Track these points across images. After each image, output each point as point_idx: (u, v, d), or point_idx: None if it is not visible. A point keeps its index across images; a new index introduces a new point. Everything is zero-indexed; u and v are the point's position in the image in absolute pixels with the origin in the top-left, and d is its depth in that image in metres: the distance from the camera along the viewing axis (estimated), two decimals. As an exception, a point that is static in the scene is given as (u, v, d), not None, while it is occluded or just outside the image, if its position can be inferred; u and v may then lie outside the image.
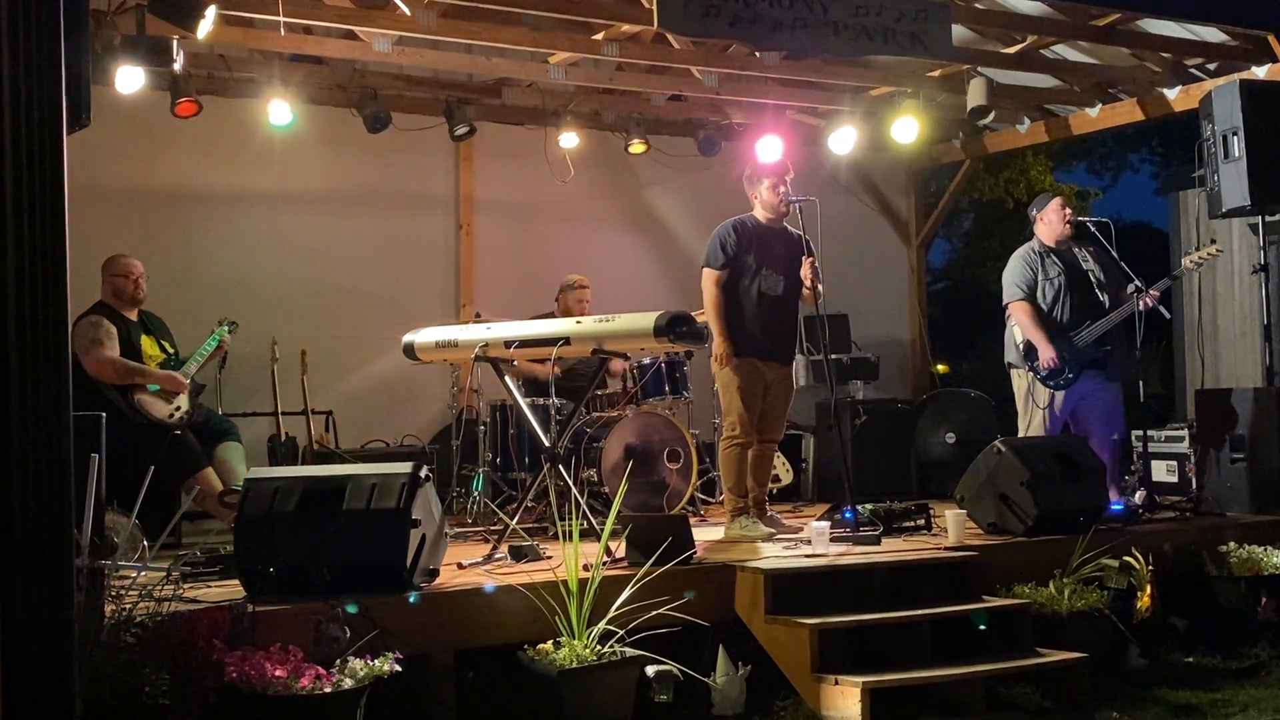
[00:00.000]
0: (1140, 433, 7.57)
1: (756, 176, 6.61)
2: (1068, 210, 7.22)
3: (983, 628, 5.17)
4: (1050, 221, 7.19)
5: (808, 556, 5.56)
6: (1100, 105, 9.22)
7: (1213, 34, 8.21)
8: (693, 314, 6.11)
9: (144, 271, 6.70)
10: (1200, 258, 7.14)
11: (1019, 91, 9.32)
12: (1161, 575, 6.01)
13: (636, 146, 9.22)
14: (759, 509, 6.54)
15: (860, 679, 4.69)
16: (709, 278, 6.48)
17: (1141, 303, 6.90)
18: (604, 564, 4.87)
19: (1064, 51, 8.83)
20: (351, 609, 4.33)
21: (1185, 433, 8.38)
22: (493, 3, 6.95)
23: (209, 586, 4.83)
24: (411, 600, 4.57)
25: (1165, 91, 8.69)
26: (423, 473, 4.80)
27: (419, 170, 9.02)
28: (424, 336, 6.60)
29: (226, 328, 6.98)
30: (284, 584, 4.61)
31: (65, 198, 2.78)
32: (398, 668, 4.16)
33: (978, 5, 8.08)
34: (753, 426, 6.44)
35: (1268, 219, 7.39)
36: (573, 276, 8.18)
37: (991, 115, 8.73)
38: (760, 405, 6.45)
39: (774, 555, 5.60)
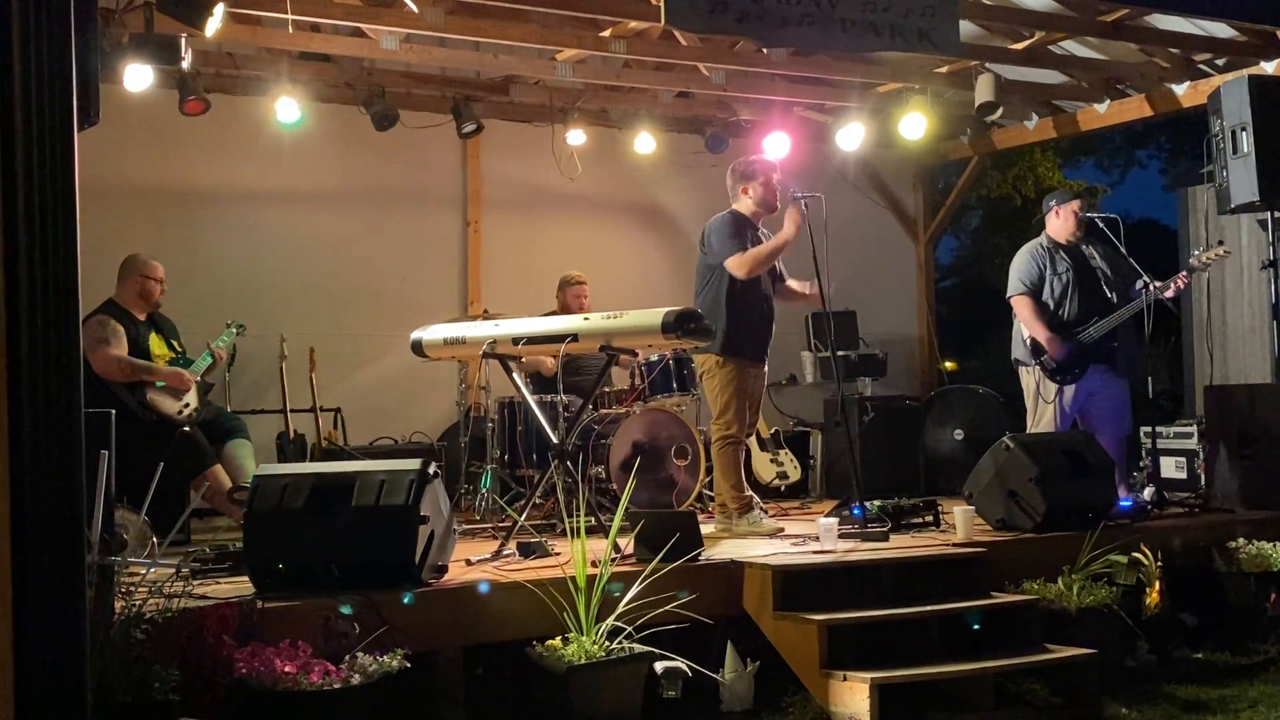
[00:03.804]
0: (1149, 429, 7.57)
1: (751, 172, 6.60)
2: (1080, 214, 7.20)
3: (976, 626, 5.15)
4: (1065, 218, 7.19)
5: (816, 553, 5.56)
6: (1108, 101, 9.20)
7: (1221, 29, 8.19)
8: (699, 311, 6.11)
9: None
10: (1208, 258, 7.13)
11: (1027, 87, 9.30)
12: (1170, 571, 6.00)
13: (644, 144, 9.22)
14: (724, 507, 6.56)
15: (869, 675, 4.69)
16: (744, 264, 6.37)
17: (1158, 293, 6.88)
18: (612, 560, 4.88)
19: (1072, 47, 8.81)
20: (345, 610, 4.32)
21: (1194, 429, 8.37)
22: (500, 0, 6.96)
23: (218, 583, 4.84)
24: (406, 601, 4.55)
25: (1174, 87, 8.68)
26: (431, 469, 4.81)
27: (427, 168, 9.03)
28: (432, 334, 6.60)
29: (235, 330, 7.01)
30: (293, 580, 4.62)
31: (76, 196, 2.79)
32: (407, 664, 4.17)
33: (985, 1, 8.07)
34: (744, 424, 6.46)
35: (1277, 215, 7.37)
36: (571, 272, 8.20)
37: (999, 111, 8.72)
38: (747, 401, 6.49)
39: (782, 551, 5.60)
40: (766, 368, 6.71)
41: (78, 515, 2.81)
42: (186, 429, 6.46)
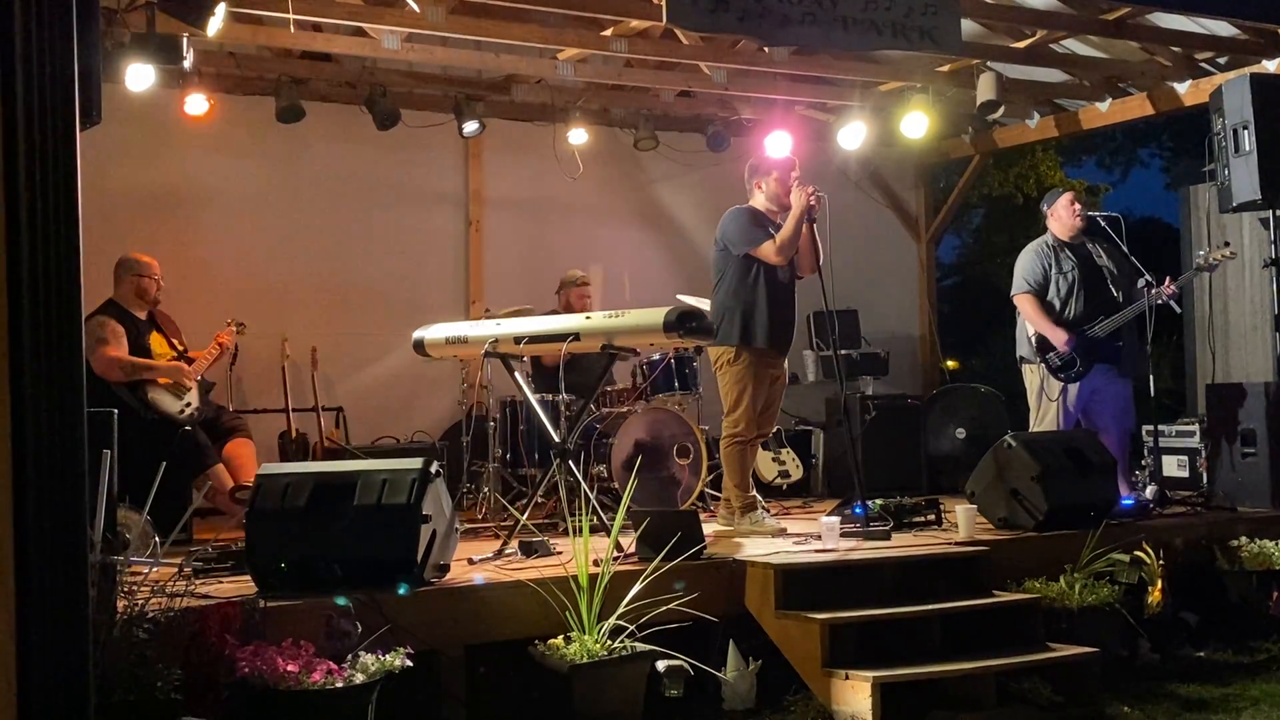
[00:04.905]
0: (1151, 427, 7.57)
1: (764, 168, 6.60)
2: (1078, 205, 7.24)
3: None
4: (1061, 217, 7.21)
5: (818, 551, 5.56)
6: (1110, 100, 9.20)
7: (1223, 27, 8.19)
8: (701, 308, 6.11)
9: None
10: (1214, 259, 7.14)
11: (1028, 86, 9.30)
12: (1172, 570, 6.01)
13: (645, 143, 9.22)
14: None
15: (871, 673, 4.69)
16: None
17: (1160, 295, 6.91)
18: (614, 559, 4.88)
19: (1074, 46, 8.81)
20: (341, 601, 4.32)
21: (1196, 427, 8.37)
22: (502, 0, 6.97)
23: (220, 582, 4.84)
24: (401, 592, 4.55)
25: (1175, 86, 8.67)
26: (433, 468, 4.81)
27: (428, 167, 9.03)
28: (434, 333, 6.61)
29: (235, 329, 7.01)
30: (295, 580, 4.62)
31: (78, 195, 2.79)
32: (409, 663, 4.17)
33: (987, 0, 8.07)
34: (756, 422, 6.45)
35: (1278, 213, 7.36)
36: (574, 272, 8.20)
37: (1001, 110, 8.71)
38: (762, 400, 6.46)
39: (784, 550, 5.60)
40: (786, 366, 6.69)
41: (80, 515, 2.82)
42: (188, 428, 6.46)
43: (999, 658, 5.03)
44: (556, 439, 6.07)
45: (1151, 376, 7.24)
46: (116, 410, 4.25)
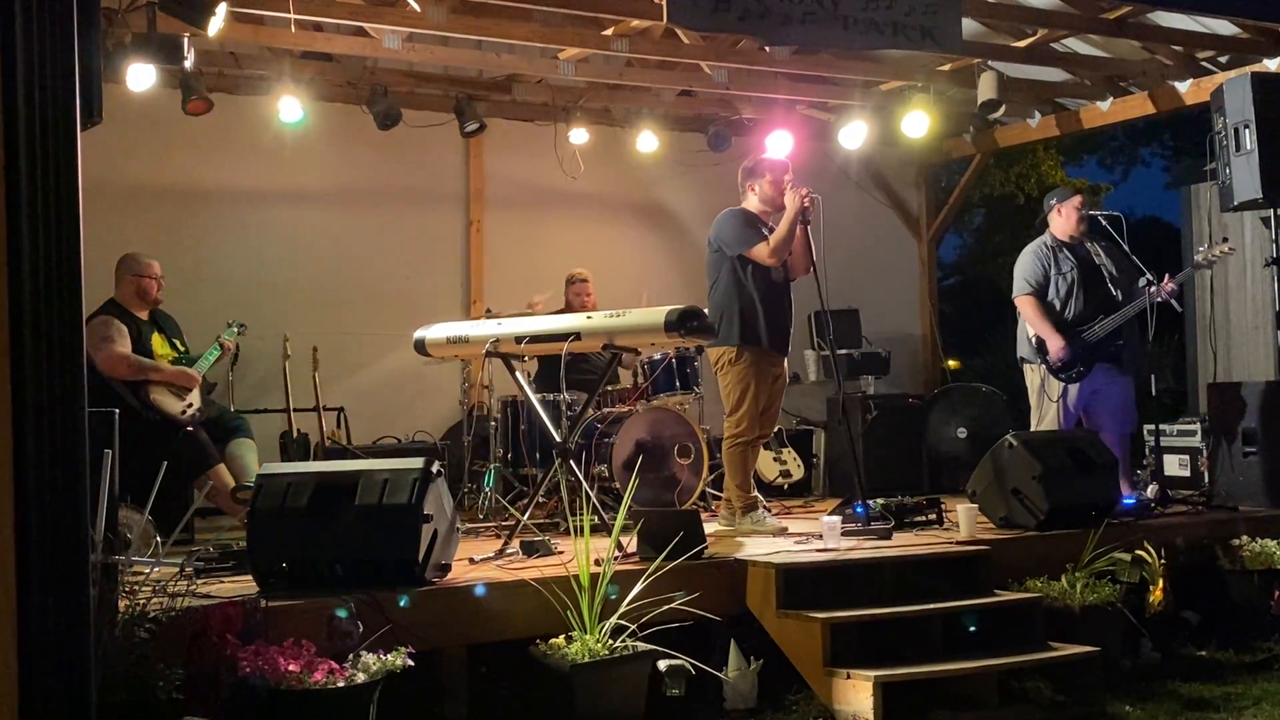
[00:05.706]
0: (1152, 426, 7.57)
1: (757, 171, 6.60)
2: (1083, 210, 7.22)
3: (972, 628, 5.16)
4: (1067, 215, 7.19)
5: (819, 551, 5.56)
6: (1111, 99, 9.19)
7: (1224, 26, 8.19)
8: (702, 309, 6.11)
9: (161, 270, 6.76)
10: (1213, 255, 7.14)
11: (1030, 85, 9.30)
12: (1174, 569, 6.01)
13: (646, 143, 9.22)
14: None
15: (872, 673, 4.69)
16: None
17: (1160, 293, 6.91)
18: (615, 559, 4.88)
19: (1074, 45, 8.81)
20: (342, 613, 4.32)
21: (1197, 426, 8.38)
22: (503, -1, 6.97)
23: (222, 582, 4.84)
24: (401, 604, 4.53)
25: (1176, 85, 8.67)
26: (434, 468, 4.81)
27: (429, 167, 9.03)
28: (435, 332, 6.61)
29: (236, 329, 7.01)
30: (296, 579, 4.63)
31: (79, 195, 2.79)
32: (410, 662, 4.17)
33: (988, -1, 8.08)
34: (756, 425, 6.44)
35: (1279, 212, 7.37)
36: (574, 270, 8.20)
37: (1002, 109, 8.71)
38: (764, 400, 6.45)
39: (786, 550, 5.60)
40: (786, 366, 6.67)
41: (82, 515, 2.82)
42: (190, 428, 6.46)
43: (1000, 657, 5.03)
44: (558, 439, 6.07)
45: (1153, 375, 7.25)
46: (118, 410, 4.25)
